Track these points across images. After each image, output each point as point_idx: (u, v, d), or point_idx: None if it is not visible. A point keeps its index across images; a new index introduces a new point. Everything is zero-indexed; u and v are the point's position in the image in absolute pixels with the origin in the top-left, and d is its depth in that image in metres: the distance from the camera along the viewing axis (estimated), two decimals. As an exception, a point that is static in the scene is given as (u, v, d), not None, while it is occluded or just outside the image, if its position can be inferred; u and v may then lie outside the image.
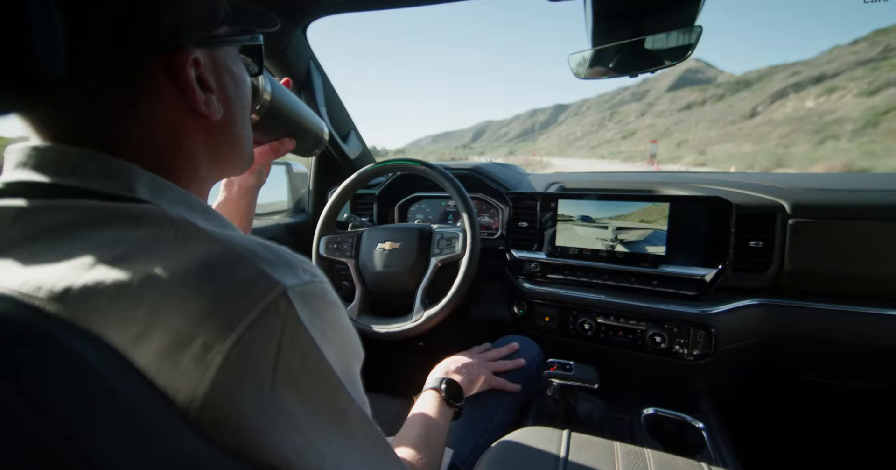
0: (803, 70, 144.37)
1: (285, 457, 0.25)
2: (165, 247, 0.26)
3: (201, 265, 0.25)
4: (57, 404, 0.19)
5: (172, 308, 0.23)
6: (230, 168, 0.42)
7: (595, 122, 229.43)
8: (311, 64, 1.09)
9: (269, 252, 0.27)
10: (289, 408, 0.25)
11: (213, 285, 0.24)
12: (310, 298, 0.27)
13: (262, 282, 0.25)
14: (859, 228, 0.77)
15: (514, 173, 1.27)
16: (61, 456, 0.18)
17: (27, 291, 0.23)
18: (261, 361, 0.24)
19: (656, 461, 0.54)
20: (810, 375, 0.88)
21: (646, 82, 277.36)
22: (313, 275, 0.29)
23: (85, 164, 0.29)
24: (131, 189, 0.29)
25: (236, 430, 0.23)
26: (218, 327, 0.23)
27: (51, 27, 0.23)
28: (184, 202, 0.32)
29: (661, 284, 0.89)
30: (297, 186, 1.42)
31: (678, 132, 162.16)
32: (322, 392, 0.27)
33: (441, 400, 0.62)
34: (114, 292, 0.23)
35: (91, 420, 0.19)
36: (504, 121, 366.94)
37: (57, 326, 0.21)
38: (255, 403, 0.24)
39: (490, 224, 1.22)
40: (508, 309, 1.09)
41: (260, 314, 0.24)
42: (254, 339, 0.24)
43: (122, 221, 0.27)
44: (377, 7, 0.96)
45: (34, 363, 0.19)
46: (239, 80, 0.39)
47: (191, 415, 0.22)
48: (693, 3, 0.66)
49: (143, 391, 0.22)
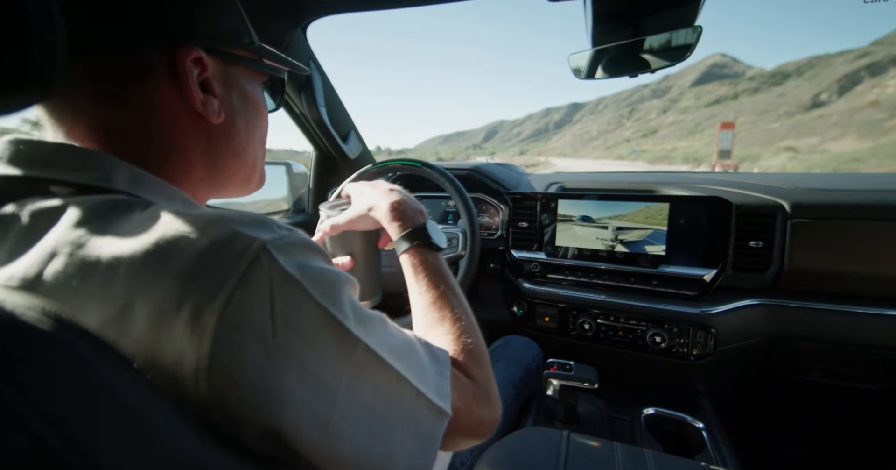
0: (877, 50, 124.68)
1: (299, 404, 0.25)
2: (134, 225, 0.25)
3: (172, 233, 0.24)
4: (57, 403, 0.19)
5: (150, 278, 0.23)
6: (234, 182, 0.42)
7: (612, 121, 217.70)
8: (311, 64, 1.09)
9: (237, 214, 0.27)
10: (297, 355, 0.25)
11: (188, 249, 0.24)
12: (290, 248, 0.27)
13: (238, 239, 0.25)
14: (859, 228, 0.77)
15: (514, 173, 1.27)
16: (62, 456, 0.18)
17: (10, 285, 0.23)
18: (257, 315, 0.24)
19: (656, 461, 0.54)
20: (810, 375, 0.88)
21: (666, 79, 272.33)
22: (288, 229, 0.29)
23: (60, 155, 0.29)
24: (108, 179, 0.29)
25: (248, 384, 0.23)
26: (205, 288, 0.23)
27: (51, 27, 0.23)
28: (164, 193, 0.32)
29: (661, 284, 0.89)
30: (296, 186, 1.42)
31: (713, 127, 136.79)
32: (325, 336, 0.27)
33: (423, 258, 0.50)
34: (81, 272, 0.23)
35: (92, 419, 0.19)
36: (517, 120, 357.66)
37: (50, 322, 0.21)
38: (260, 355, 0.24)
39: (490, 224, 1.22)
40: (508, 309, 1.09)
41: (245, 269, 0.24)
42: (244, 294, 0.24)
43: (95, 210, 0.26)
44: (377, 7, 0.96)
45: (32, 361, 0.19)
46: (249, 101, 0.40)
47: (200, 377, 0.22)
48: (693, 3, 0.66)
49: (143, 390, 0.22)
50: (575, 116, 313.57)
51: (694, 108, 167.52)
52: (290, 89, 1.09)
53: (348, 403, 0.27)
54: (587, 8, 0.70)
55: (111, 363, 0.21)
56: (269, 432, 0.24)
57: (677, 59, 0.76)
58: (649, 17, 0.72)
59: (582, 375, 0.75)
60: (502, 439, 0.60)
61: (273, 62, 0.42)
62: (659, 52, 0.77)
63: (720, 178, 1.01)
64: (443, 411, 0.33)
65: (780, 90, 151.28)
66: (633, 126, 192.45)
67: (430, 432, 0.32)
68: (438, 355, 0.36)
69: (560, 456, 0.55)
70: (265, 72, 0.41)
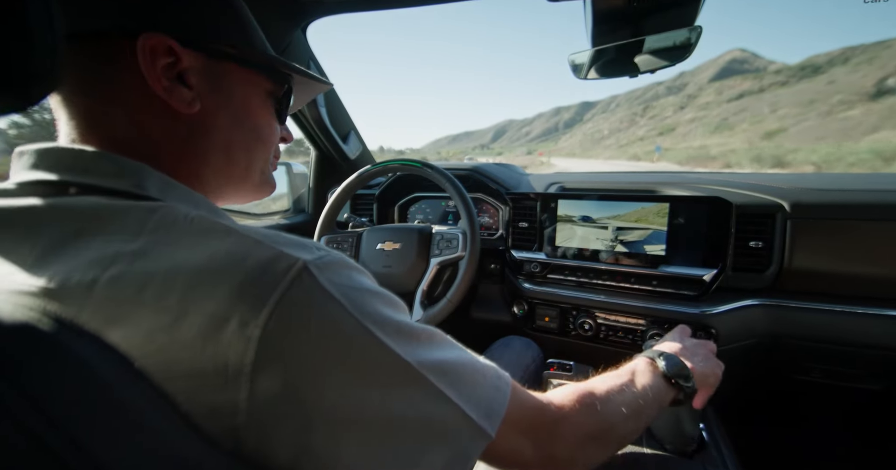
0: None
1: (335, 423, 0.26)
2: (184, 238, 0.27)
3: (224, 252, 0.26)
4: (57, 404, 0.19)
5: (203, 293, 0.24)
6: (230, 182, 0.41)
7: (625, 119, 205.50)
8: (311, 64, 1.09)
9: (281, 237, 0.29)
10: (329, 369, 0.26)
11: (237, 268, 0.25)
12: (331, 267, 0.28)
13: (282, 259, 0.26)
14: (859, 228, 0.77)
15: (514, 173, 1.27)
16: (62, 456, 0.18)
17: (36, 290, 0.24)
18: (296, 330, 0.25)
19: (656, 461, 0.54)
20: (810, 376, 0.88)
21: (682, 76, 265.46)
22: (327, 251, 0.30)
23: (98, 162, 0.30)
24: (142, 187, 0.31)
25: (282, 397, 0.24)
26: (250, 305, 0.24)
27: (51, 28, 0.23)
28: (190, 200, 0.34)
29: (661, 284, 0.89)
30: (296, 186, 1.42)
31: (746, 123, 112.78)
32: (361, 352, 0.28)
33: (656, 373, 0.50)
34: (141, 282, 0.24)
35: (92, 419, 0.19)
36: (526, 120, 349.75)
37: (60, 327, 0.21)
38: (295, 369, 0.25)
39: (490, 224, 1.22)
40: (508, 309, 1.09)
41: (288, 287, 0.25)
42: (286, 311, 0.25)
43: (137, 217, 0.28)
44: (377, 7, 0.96)
45: (38, 365, 0.19)
46: (237, 99, 0.39)
47: (243, 381, 0.24)
48: (693, 3, 0.66)
49: (144, 391, 0.22)
50: (586, 115, 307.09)
51: (715, 103, 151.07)
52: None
53: (377, 419, 0.27)
54: (587, 8, 0.71)
55: (112, 364, 0.22)
56: (300, 448, 0.25)
57: (677, 59, 0.76)
58: (649, 17, 0.72)
59: (582, 375, 0.75)
60: None
61: (285, 69, 0.42)
62: (659, 53, 0.77)
63: (720, 178, 1.01)
64: (483, 432, 0.32)
65: (827, 78, 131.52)
66: (648, 124, 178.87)
67: (464, 452, 0.32)
68: (501, 374, 0.36)
69: None
70: (264, 75, 0.41)
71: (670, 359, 0.51)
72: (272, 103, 0.43)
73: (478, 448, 0.32)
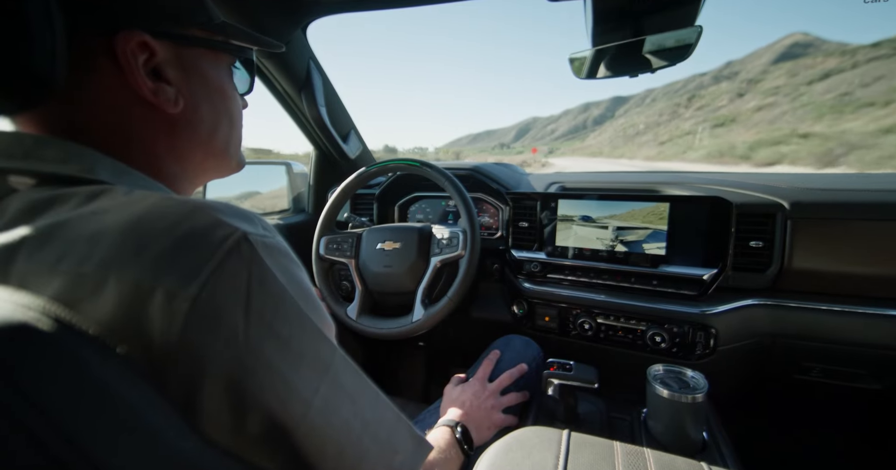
0: None
1: (268, 407, 0.24)
2: (115, 206, 0.25)
3: (155, 215, 0.23)
4: (56, 404, 0.19)
5: (124, 258, 0.22)
6: (208, 173, 0.40)
7: (665, 111, 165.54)
8: (311, 64, 1.09)
9: (222, 205, 0.26)
10: (268, 357, 0.24)
11: (168, 232, 0.23)
12: (273, 250, 0.26)
13: (220, 227, 0.24)
14: (859, 228, 0.77)
15: (514, 173, 1.27)
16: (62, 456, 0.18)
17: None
18: (230, 307, 0.23)
19: (656, 461, 0.54)
20: (810, 375, 0.88)
21: (730, 65, 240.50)
22: (272, 232, 0.28)
23: (40, 148, 0.28)
24: (91, 172, 0.28)
25: (214, 380, 0.22)
26: (180, 275, 0.22)
27: (51, 28, 0.23)
28: (146, 186, 0.31)
29: (661, 283, 0.89)
30: (296, 186, 1.42)
31: (857, 102, 70.42)
32: (302, 340, 0.26)
33: (454, 441, 0.61)
34: (60, 250, 0.22)
35: (90, 419, 0.19)
36: (552, 117, 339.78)
37: (48, 321, 0.21)
38: (229, 351, 0.23)
39: (490, 224, 1.22)
40: (508, 309, 1.09)
41: (224, 258, 0.23)
42: (220, 284, 0.23)
43: (77, 198, 0.26)
44: (378, 7, 0.96)
45: (30, 362, 0.19)
46: (213, 85, 0.37)
47: (168, 363, 0.21)
48: (693, 3, 0.66)
49: (141, 390, 0.22)
50: (618, 111, 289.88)
51: (789, 86, 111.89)
52: (290, 89, 1.08)
53: (321, 416, 0.26)
54: (587, 7, 0.70)
55: (110, 363, 0.21)
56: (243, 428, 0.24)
57: (678, 59, 0.76)
58: (649, 16, 0.72)
59: (582, 375, 0.75)
60: (502, 438, 0.60)
61: (241, 42, 0.39)
62: (659, 52, 0.77)
63: (720, 178, 1.01)
64: (424, 442, 0.32)
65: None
66: (696, 115, 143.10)
67: (411, 462, 0.31)
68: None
69: (560, 455, 0.55)
70: (230, 53, 0.39)
71: (465, 431, 0.63)
72: (238, 77, 0.41)
73: (421, 457, 0.33)
